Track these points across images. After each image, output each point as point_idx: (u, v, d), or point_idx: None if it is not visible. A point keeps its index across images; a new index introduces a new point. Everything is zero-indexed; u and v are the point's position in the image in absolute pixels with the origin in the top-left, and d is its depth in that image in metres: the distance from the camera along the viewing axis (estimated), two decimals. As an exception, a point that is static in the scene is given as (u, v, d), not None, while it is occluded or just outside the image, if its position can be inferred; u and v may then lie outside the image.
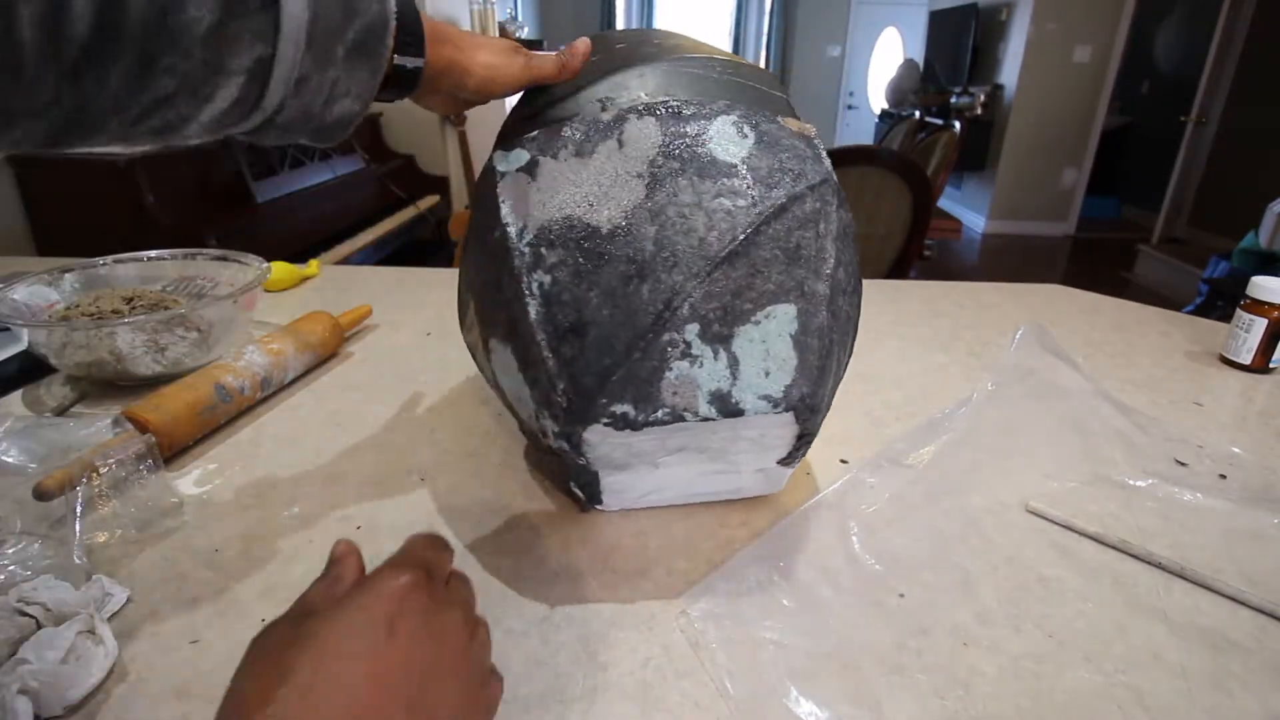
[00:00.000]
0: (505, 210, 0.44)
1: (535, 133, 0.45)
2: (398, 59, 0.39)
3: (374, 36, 0.37)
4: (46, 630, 0.38)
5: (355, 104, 0.38)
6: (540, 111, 0.47)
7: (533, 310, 0.42)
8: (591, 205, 0.43)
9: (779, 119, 0.46)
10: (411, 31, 0.40)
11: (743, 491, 0.54)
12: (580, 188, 0.43)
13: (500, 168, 0.45)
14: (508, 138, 0.48)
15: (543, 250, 0.42)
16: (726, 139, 0.44)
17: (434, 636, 0.27)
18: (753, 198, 0.43)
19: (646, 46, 0.50)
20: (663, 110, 0.45)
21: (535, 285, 0.42)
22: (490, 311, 0.46)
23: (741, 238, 0.42)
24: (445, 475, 0.58)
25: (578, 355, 0.41)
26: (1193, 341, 0.89)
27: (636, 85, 0.47)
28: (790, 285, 0.42)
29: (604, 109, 0.45)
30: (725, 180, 0.43)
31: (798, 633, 0.43)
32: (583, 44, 0.49)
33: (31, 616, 0.39)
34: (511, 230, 0.43)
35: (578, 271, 0.42)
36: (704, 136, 0.44)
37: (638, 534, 0.52)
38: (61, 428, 0.57)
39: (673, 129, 0.44)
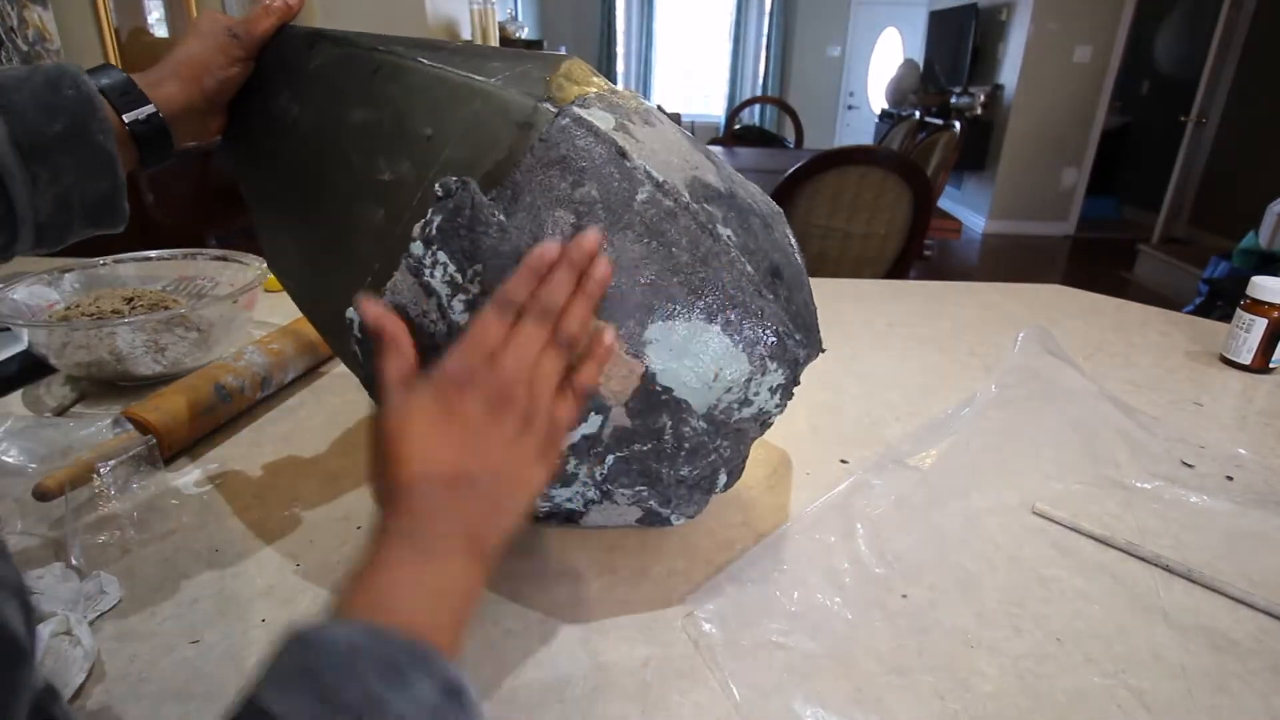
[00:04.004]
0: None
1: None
2: (128, 117, 0.42)
3: (82, 113, 0.40)
4: None
5: (105, 180, 0.41)
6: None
7: None
8: None
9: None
10: (125, 92, 0.42)
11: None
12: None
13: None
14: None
15: None
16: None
17: (461, 416, 0.33)
18: None
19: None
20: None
21: None
22: None
23: None
24: (445, 475, 0.58)
25: None
26: (1193, 341, 0.89)
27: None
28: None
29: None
30: None
31: (801, 634, 0.43)
32: None
33: None
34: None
35: None
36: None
37: (637, 534, 0.51)
38: (61, 428, 0.57)
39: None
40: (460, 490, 0.32)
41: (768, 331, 0.42)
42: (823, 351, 0.48)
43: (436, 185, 0.39)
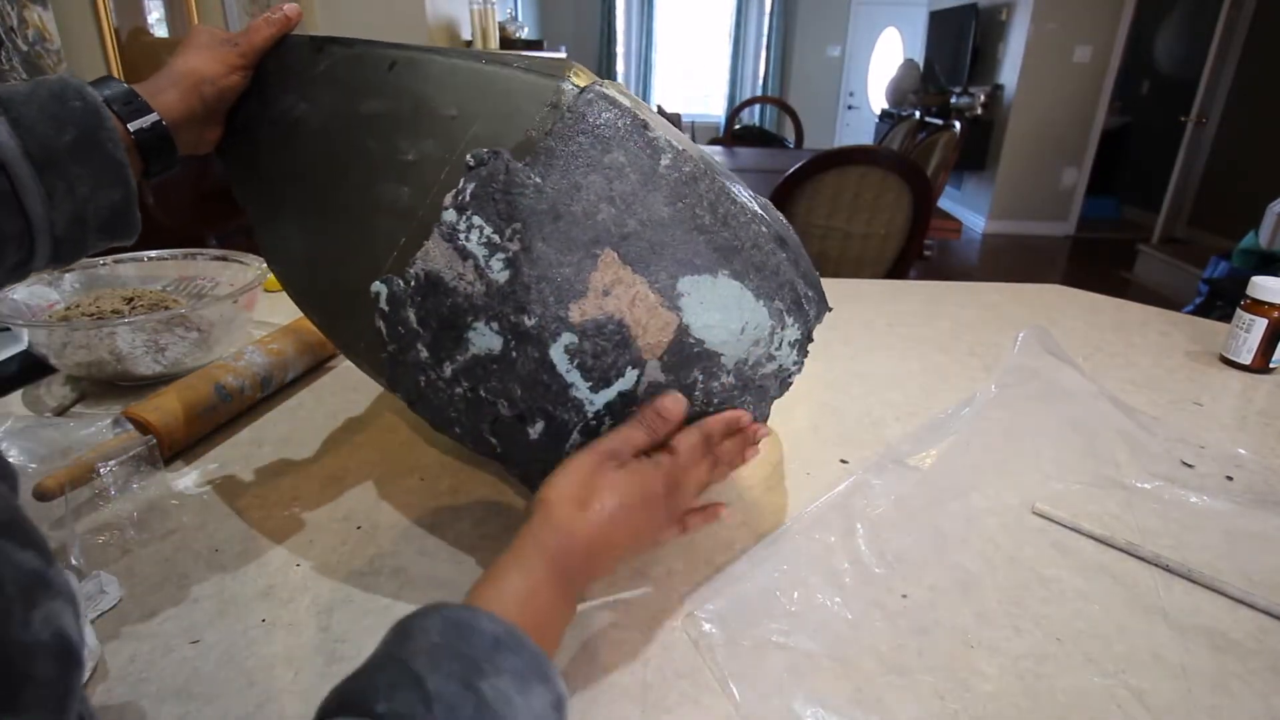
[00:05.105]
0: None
1: None
2: (133, 126, 0.42)
3: (90, 124, 0.40)
4: None
5: (116, 191, 0.41)
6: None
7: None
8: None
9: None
10: (128, 101, 0.43)
11: None
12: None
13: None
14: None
15: None
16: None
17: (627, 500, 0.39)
18: None
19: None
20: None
21: None
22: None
23: None
24: (445, 475, 0.58)
25: None
26: (1193, 341, 0.89)
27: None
28: None
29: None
30: None
31: (801, 634, 0.43)
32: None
33: None
34: None
35: None
36: None
37: (638, 534, 0.51)
38: (61, 428, 0.57)
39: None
40: (611, 558, 0.39)
41: (785, 287, 0.45)
42: (829, 310, 0.49)
43: (468, 156, 0.40)
